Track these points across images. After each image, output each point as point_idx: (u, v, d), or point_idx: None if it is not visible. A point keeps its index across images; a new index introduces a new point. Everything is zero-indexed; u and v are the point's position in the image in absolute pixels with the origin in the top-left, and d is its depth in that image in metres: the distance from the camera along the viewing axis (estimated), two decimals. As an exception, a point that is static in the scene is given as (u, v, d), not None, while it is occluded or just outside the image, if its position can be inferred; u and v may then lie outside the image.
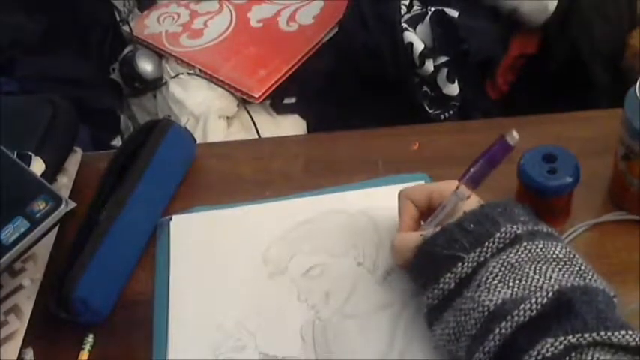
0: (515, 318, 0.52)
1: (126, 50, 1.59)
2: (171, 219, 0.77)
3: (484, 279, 0.55)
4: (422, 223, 0.65)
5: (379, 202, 0.75)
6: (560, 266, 0.55)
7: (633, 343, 0.49)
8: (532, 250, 0.56)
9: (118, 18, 1.64)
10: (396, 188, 0.75)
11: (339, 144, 0.85)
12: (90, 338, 0.69)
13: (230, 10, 1.64)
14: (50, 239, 0.76)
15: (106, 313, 0.71)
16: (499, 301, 0.54)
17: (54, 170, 0.81)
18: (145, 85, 1.54)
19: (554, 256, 0.56)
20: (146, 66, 1.53)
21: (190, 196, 0.81)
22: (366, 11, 1.37)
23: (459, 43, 1.29)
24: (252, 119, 1.44)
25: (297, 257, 0.72)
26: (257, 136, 1.42)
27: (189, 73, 1.50)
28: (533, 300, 0.52)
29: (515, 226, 0.57)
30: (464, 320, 0.55)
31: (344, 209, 0.75)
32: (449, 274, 0.57)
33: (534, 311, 0.52)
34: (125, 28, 1.62)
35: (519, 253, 0.56)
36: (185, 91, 1.48)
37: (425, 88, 1.33)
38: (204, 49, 1.55)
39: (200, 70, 1.50)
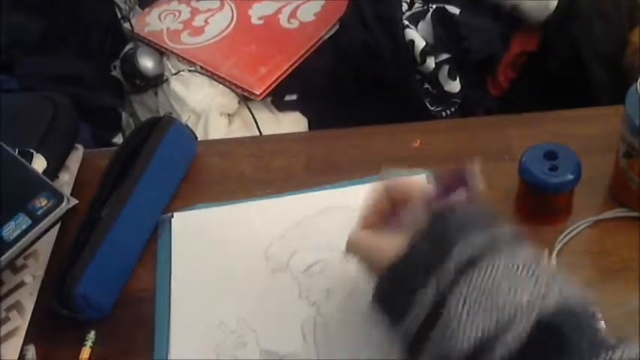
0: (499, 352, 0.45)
1: (127, 47, 1.59)
2: (172, 216, 0.77)
3: (451, 315, 0.47)
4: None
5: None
6: (532, 278, 0.48)
7: (635, 357, 0.45)
8: (496, 269, 0.48)
9: (119, 15, 1.63)
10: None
11: (341, 141, 0.85)
12: (91, 335, 0.69)
13: (231, 8, 1.63)
14: (52, 236, 0.76)
15: (107, 310, 0.71)
16: (474, 340, 0.46)
17: (55, 167, 0.81)
18: (146, 82, 1.54)
19: (521, 269, 0.48)
20: (147, 63, 1.53)
21: (192, 193, 0.81)
22: (367, 9, 1.37)
23: (460, 40, 1.29)
24: (253, 116, 1.44)
25: (298, 254, 0.72)
26: (258, 134, 1.42)
27: (190, 71, 1.50)
28: (513, 334, 0.45)
29: (473, 242, 0.49)
30: None
31: (345, 205, 0.75)
32: (410, 317, 0.49)
33: (516, 347, 0.45)
34: (126, 25, 1.62)
35: (482, 276, 0.47)
36: (186, 88, 1.48)
37: (426, 86, 1.33)
38: (205, 46, 1.55)
39: (201, 67, 1.50)
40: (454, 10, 1.31)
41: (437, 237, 0.50)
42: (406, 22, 1.31)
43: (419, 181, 0.59)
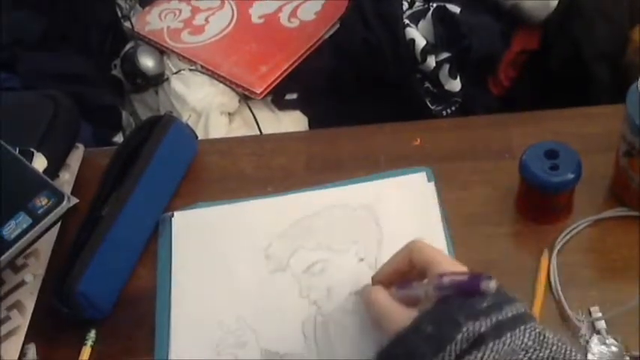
0: None
1: (127, 46, 1.59)
2: (173, 215, 0.77)
3: None
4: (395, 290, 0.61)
5: (381, 197, 0.75)
6: (529, 355, 0.50)
7: None
8: (499, 350, 0.50)
9: (120, 14, 1.63)
10: (398, 182, 0.75)
11: (341, 140, 0.85)
12: (92, 334, 0.69)
13: (231, 6, 1.63)
14: (52, 235, 0.77)
15: (108, 309, 0.71)
16: None
17: (56, 166, 0.81)
18: (147, 81, 1.54)
19: (523, 345, 0.51)
20: (147, 62, 1.53)
21: (192, 192, 0.81)
22: (368, 7, 1.36)
23: (460, 39, 1.29)
24: (253, 115, 1.44)
25: (298, 253, 0.72)
26: (258, 133, 1.42)
27: (190, 70, 1.50)
28: None
29: (477, 323, 0.51)
30: None
31: (345, 204, 0.75)
32: None
33: None
34: (126, 24, 1.62)
35: (485, 356, 0.50)
36: (187, 87, 1.47)
37: (427, 85, 1.33)
38: (205, 45, 1.55)
39: (202, 66, 1.50)
40: (454, 8, 1.31)
41: (442, 318, 0.52)
42: (407, 21, 1.31)
43: (444, 256, 0.59)
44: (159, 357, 0.67)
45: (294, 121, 1.45)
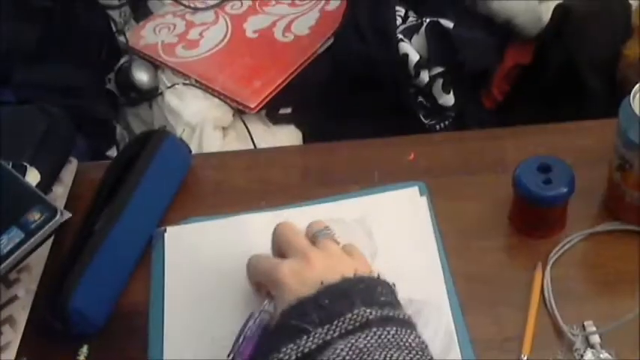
0: None
1: (122, 60, 1.59)
2: (165, 230, 0.77)
3: None
4: None
5: (374, 211, 0.75)
6: (411, 355, 0.51)
7: None
8: (382, 337, 0.52)
9: (114, 29, 1.64)
10: (391, 196, 0.75)
11: (335, 154, 0.85)
12: (84, 349, 0.69)
13: (226, 21, 1.64)
14: (45, 249, 0.76)
15: (101, 324, 0.70)
16: None
17: (49, 180, 0.80)
18: (141, 95, 1.54)
19: (407, 344, 0.52)
20: (142, 76, 1.53)
21: (186, 207, 0.80)
22: (362, 22, 1.37)
23: (454, 53, 1.29)
24: (247, 129, 1.44)
25: (292, 267, 0.72)
26: (253, 147, 1.42)
27: (184, 84, 1.50)
28: None
29: (368, 310, 0.53)
30: None
31: (339, 218, 0.75)
32: (291, 345, 0.53)
33: None
34: (121, 38, 1.62)
35: (368, 338, 0.52)
36: (181, 101, 1.48)
37: (420, 99, 1.34)
38: (200, 59, 1.55)
39: (196, 80, 1.50)
40: (448, 23, 1.32)
41: (340, 296, 0.55)
42: (400, 36, 1.31)
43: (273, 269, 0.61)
44: (152, 372, 0.67)
45: (288, 136, 1.45)
